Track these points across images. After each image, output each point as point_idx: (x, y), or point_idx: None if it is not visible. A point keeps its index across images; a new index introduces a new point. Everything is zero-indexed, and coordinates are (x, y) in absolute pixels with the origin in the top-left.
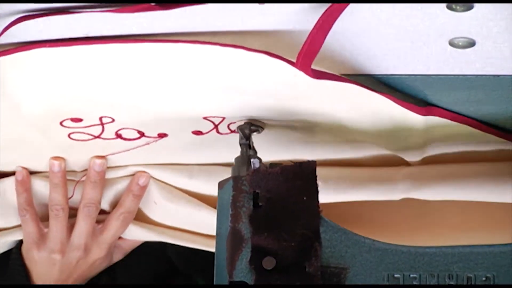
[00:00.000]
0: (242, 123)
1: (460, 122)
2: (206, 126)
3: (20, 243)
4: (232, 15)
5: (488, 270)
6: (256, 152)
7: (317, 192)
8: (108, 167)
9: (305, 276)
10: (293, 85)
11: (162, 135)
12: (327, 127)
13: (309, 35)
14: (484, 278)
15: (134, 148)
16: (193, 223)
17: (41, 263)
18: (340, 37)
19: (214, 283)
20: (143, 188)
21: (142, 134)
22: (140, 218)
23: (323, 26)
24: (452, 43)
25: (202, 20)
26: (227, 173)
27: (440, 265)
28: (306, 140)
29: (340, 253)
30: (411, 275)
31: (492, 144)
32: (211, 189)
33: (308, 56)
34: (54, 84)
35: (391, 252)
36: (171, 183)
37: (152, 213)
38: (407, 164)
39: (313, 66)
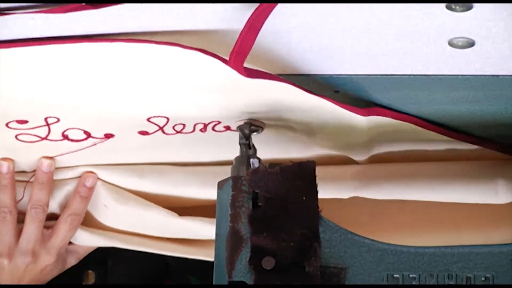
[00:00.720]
0: (242, 123)
1: (403, 121)
2: (151, 127)
3: None
4: (166, 14)
5: (487, 270)
6: (255, 152)
7: (317, 192)
8: (57, 168)
9: (305, 276)
10: (229, 83)
11: (108, 136)
12: (273, 126)
13: (240, 34)
14: (483, 278)
15: (82, 149)
16: (144, 225)
17: None
18: (340, 37)
19: (214, 283)
20: (91, 189)
21: (88, 135)
22: (91, 223)
23: (253, 26)
24: (451, 43)
25: (137, 20)
26: (178, 173)
27: (439, 265)
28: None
29: (340, 253)
30: (411, 275)
31: (439, 143)
32: (162, 189)
33: (240, 55)
34: None
35: (390, 252)
36: (121, 184)
37: (103, 217)
38: (355, 163)
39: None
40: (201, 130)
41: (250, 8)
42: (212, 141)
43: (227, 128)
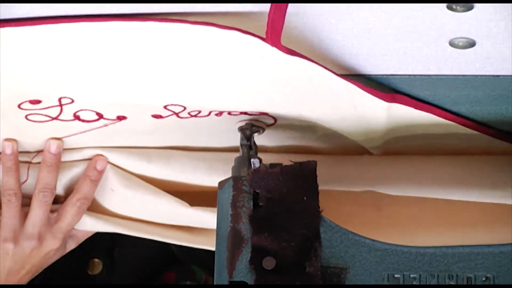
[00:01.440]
0: (244, 123)
1: (423, 110)
2: (167, 112)
3: None
4: None
5: (488, 270)
6: (256, 152)
7: (317, 192)
8: (64, 149)
9: (305, 276)
10: (264, 64)
11: (121, 118)
12: (290, 115)
13: (268, 15)
14: (484, 278)
15: (91, 130)
16: (149, 211)
17: None
18: (340, 37)
19: (214, 283)
20: (101, 173)
21: (100, 116)
22: (94, 207)
23: (279, 6)
24: (452, 44)
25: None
26: (186, 158)
27: (440, 265)
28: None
29: (340, 253)
30: (411, 275)
31: (458, 135)
32: (170, 174)
33: (274, 33)
34: (11, 66)
35: (391, 252)
36: (129, 168)
37: (107, 201)
38: (369, 153)
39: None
40: (216, 114)
41: None
42: (226, 125)
43: (244, 113)
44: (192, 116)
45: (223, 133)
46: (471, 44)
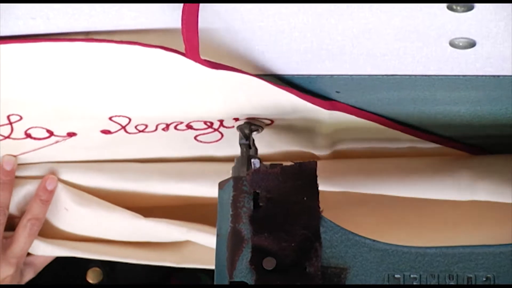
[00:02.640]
0: (242, 123)
1: (363, 118)
2: (114, 126)
3: None
4: (105, 14)
5: (489, 271)
6: (256, 152)
7: (318, 192)
8: (19, 164)
9: (306, 276)
10: (191, 79)
11: (71, 134)
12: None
13: (181, 32)
14: (484, 279)
15: (44, 147)
16: (106, 229)
17: None
18: (340, 37)
19: (215, 283)
20: (51, 192)
21: (51, 133)
22: (49, 231)
23: (189, 21)
24: (452, 44)
25: (93, 19)
26: (139, 168)
27: (440, 266)
28: None
29: (341, 253)
30: (412, 276)
31: (401, 141)
32: (124, 185)
33: (192, 49)
34: None
35: (391, 252)
36: (83, 181)
37: (62, 223)
38: (317, 158)
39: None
40: (163, 129)
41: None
42: (175, 139)
43: (189, 127)
44: (140, 131)
45: (174, 146)
46: (471, 44)
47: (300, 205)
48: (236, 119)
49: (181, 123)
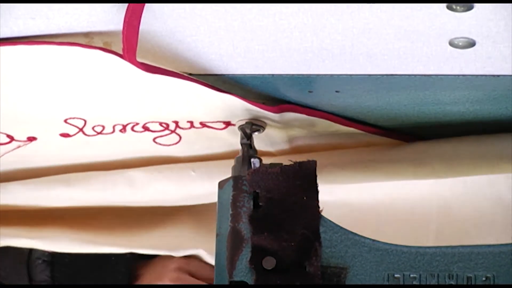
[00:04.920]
0: (243, 122)
1: (316, 117)
2: (71, 129)
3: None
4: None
5: (488, 270)
6: (256, 152)
7: (317, 192)
8: None
9: (305, 276)
10: (128, 81)
11: (31, 139)
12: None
13: (122, 32)
14: (484, 278)
15: (7, 153)
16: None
17: None
18: (340, 37)
19: (214, 283)
20: None
21: (12, 138)
22: None
23: (130, 22)
24: (452, 43)
25: (36, 22)
26: (104, 176)
27: (440, 265)
28: None
29: (340, 253)
30: (411, 275)
31: (351, 135)
32: (91, 194)
33: (130, 51)
34: None
35: (391, 252)
36: (50, 195)
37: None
38: (272, 154)
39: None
40: (120, 131)
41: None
42: (134, 142)
43: (146, 128)
44: (98, 133)
45: (133, 148)
46: (471, 44)
47: (300, 205)
48: (191, 122)
49: (137, 124)
